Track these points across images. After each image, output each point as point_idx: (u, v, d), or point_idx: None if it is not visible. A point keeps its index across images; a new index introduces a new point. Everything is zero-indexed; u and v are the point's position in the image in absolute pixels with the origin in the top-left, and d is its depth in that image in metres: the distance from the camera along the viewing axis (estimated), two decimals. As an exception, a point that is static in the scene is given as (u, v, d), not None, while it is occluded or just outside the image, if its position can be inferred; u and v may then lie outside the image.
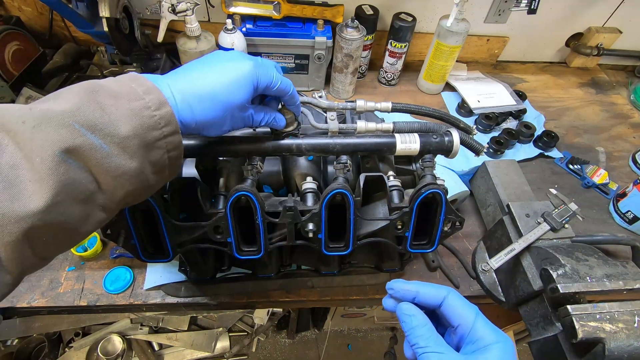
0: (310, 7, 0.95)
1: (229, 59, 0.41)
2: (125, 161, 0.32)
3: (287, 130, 0.51)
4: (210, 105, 0.39)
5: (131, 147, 0.33)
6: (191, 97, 0.38)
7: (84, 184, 0.30)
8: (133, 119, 0.33)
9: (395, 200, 0.53)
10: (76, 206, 0.30)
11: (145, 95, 0.34)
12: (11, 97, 0.81)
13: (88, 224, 0.32)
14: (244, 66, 0.41)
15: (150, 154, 0.34)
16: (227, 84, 0.40)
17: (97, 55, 0.98)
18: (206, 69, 0.40)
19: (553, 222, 0.65)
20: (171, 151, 0.36)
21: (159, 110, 0.34)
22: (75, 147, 0.29)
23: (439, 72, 1.06)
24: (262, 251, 0.53)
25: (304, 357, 1.68)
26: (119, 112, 0.32)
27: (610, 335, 0.50)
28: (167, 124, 0.35)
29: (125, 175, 0.33)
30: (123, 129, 0.32)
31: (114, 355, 1.38)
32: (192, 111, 0.38)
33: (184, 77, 0.39)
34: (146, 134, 0.33)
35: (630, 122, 1.13)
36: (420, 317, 0.37)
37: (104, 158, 0.31)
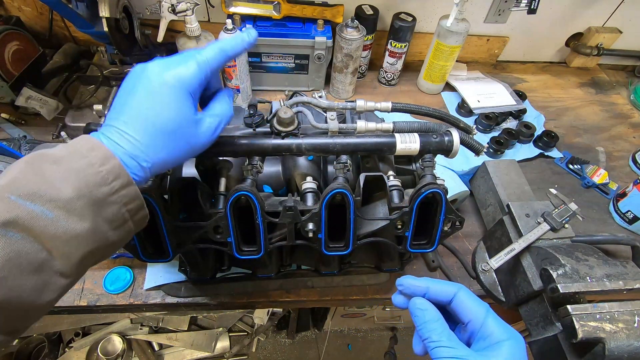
0: (310, 7, 0.95)
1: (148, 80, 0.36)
2: (75, 224, 0.31)
3: (287, 130, 0.51)
4: (153, 144, 0.35)
5: (78, 208, 0.31)
6: (131, 146, 0.35)
7: (32, 254, 0.29)
8: (77, 179, 0.31)
9: (395, 200, 0.53)
10: (27, 278, 0.29)
11: (88, 153, 0.33)
12: (11, 97, 0.81)
13: (48, 293, 0.31)
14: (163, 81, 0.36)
15: (103, 211, 0.33)
16: (159, 114, 0.35)
17: (97, 55, 0.98)
18: (132, 103, 0.36)
19: (553, 222, 0.65)
20: (129, 204, 0.35)
21: (105, 165, 0.33)
22: (14, 219, 0.28)
23: (439, 72, 1.06)
24: (262, 251, 0.53)
25: (304, 357, 1.68)
26: (60, 175, 0.31)
27: (610, 335, 0.50)
28: (116, 178, 0.33)
29: (78, 237, 0.31)
30: (66, 191, 0.31)
31: (114, 355, 1.38)
32: (137, 158, 0.35)
33: (118, 126, 0.35)
34: (93, 192, 0.32)
35: (630, 122, 1.13)
36: (433, 311, 0.38)
37: (50, 224, 0.30)
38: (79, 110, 0.86)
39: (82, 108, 0.87)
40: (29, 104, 0.82)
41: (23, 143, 0.77)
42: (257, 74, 1.03)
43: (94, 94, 0.88)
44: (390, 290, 0.73)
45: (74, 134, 0.86)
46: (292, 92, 0.62)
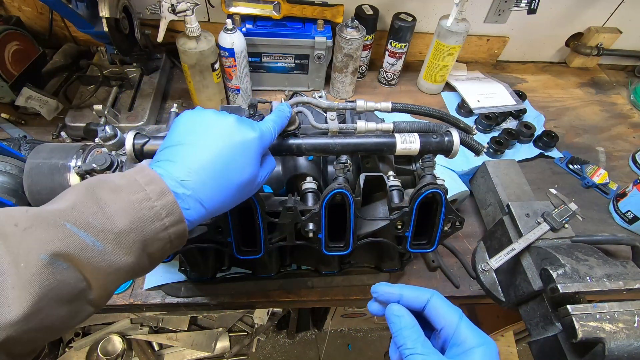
0: (310, 7, 0.95)
1: (231, 135, 0.38)
2: (121, 257, 0.31)
3: (287, 130, 0.51)
4: (222, 192, 0.37)
5: (128, 242, 0.31)
6: (201, 191, 0.35)
7: (72, 285, 0.29)
8: (131, 212, 0.31)
9: (395, 200, 0.53)
10: (62, 308, 0.29)
11: (146, 187, 0.33)
12: (11, 97, 0.81)
13: (75, 321, 0.31)
14: (250, 141, 0.38)
15: (150, 246, 0.33)
16: (239, 167, 0.37)
17: (97, 55, 0.98)
18: (210, 151, 0.36)
19: (553, 222, 0.65)
20: (174, 240, 0.35)
21: (160, 200, 0.33)
22: (65, 249, 0.28)
23: (439, 72, 1.06)
24: (262, 251, 0.53)
25: (304, 357, 1.68)
26: (117, 206, 0.31)
27: (610, 335, 0.50)
28: (169, 214, 0.33)
29: (119, 270, 0.31)
30: (119, 224, 0.31)
31: (114, 355, 1.38)
32: (203, 203, 0.36)
33: (190, 167, 0.35)
34: (145, 227, 0.32)
35: (630, 122, 1.13)
36: (408, 318, 0.37)
37: (97, 257, 0.30)
38: (79, 110, 0.86)
39: (82, 108, 0.87)
40: (29, 104, 0.82)
41: (23, 143, 0.77)
42: (257, 74, 1.03)
43: (94, 94, 0.88)
44: (390, 290, 0.73)
45: (74, 134, 0.86)
46: (292, 92, 0.62)
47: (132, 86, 0.93)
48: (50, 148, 0.58)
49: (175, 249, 0.36)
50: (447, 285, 0.75)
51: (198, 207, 0.35)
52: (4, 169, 0.62)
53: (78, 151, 0.57)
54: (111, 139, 0.52)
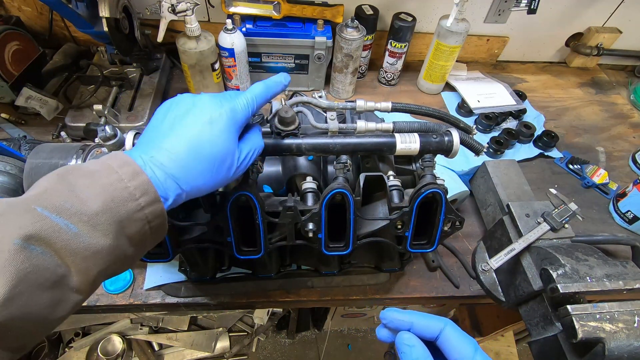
0: (310, 7, 0.95)
1: (201, 111, 0.38)
2: (97, 239, 0.31)
3: (287, 130, 0.51)
4: (196, 169, 0.36)
5: (102, 223, 0.31)
6: (174, 167, 0.35)
7: (50, 269, 0.29)
8: (104, 193, 0.31)
9: (395, 200, 0.53)
10: (43, 294, 0.28)
11: (118, 169, 0.33)
12: (11, 97, 0.81)
13: (61, 309, 0.30)
14: (219, 114, 0.38)
15: (127, 227, 0.33)
16: (208, 141, 0.37)
17: (97, 55, 0.98)
18: (181, 130, 0.37)
19: (553, 222, 0.65)
20: (152, 221, 0.35)
21: (133, 180, 0.33)
22: (37, 232, 0.28)
23: (439, 72, 1.06)
24: (262, 251, 0.53)
25: (304, 357, 1.68)
26: (90, 189, 0.31)
27: (610, 335, 0.50)
28: (144, 194, 0.33)
29: (98, 253, 0.31)
30: (92, 206, 0.31)
31: (114, 355, 1.38)
32: (178, 180, 0.36)
33: (163, 146, 0.36)
34: (119, 208, 0.32)
35: (630, 122, 1.13)
36: (421, 349, 0.36)
37: (72, 239, 0.30)
38: (79, 110, 0.87)
39: (82, 108, 0.87)
40: (29, 104, 0.82)
41: (23, 143, 0.77)
42: (257, 74, 1.03)
43: (94, 94, 0.88)
44: (390, 290, 0.73)
45: (74, 134, 0.86)
46: (292, 92, 0.62)
47: (132, 86, 0.93)
48: (50, 148, 0.58)
49: (157, 232, 0.36)
50: (447, 285, 0.75)
51: (172, 184, 0.35)
52: (4, 169, 0.62)
53: (78, 151, 0.57)
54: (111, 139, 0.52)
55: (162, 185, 0.35)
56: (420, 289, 0.74)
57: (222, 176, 0.39)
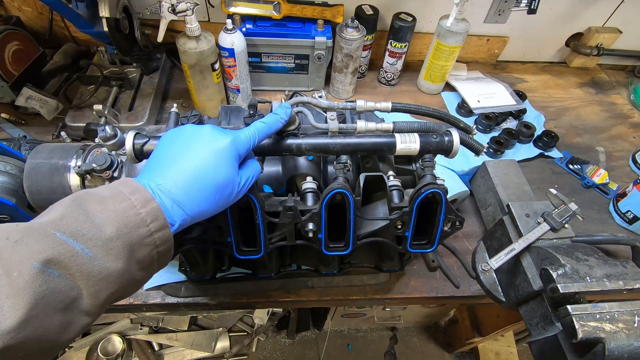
0: (310, 7, 0.95)
1: (205, 142, 0.40)
2: (110, 263, 0.32)
3: (287, 130, 0.51)
4: (200, 195, 0.38)
5: (115, 248, 0.32)
6: (180, 195, 0.37)
7: (64, 292, 0.30)
8: (118, 219, 0.33)
9: (395, 200, 0.53)
10: (55, 316, 0.29)
11: (130, 196, 0.35)
12: (11, 97, 0.81)
13: (69, 332, 0.31)
14: (223, 145, 0.40)
15: (137, 252, 0.34)
16: (212, 169, 0.39)
17: (97, 55, 0.98)
18: (186, 159, 0.39)
19: (553, 222, 0.65)
20: (160, 246, 0.36)
21: (145, 207, 0.35)
22: (55, 256, 0.29)
23: (439, 72, 1.06)
24: (262, 251, 0.53)
25: (304, 357, 1.68)
26: (104, 215, 0.33)
27: (610, 335, 0.50)
28: (154, 220, 0.35)
29: (110, 277, 0.32)
30: (107, 231, 0.32)
31: (114, 355, 1.38)
32: (183, 207, 0.38)
33: (169, 175, 0.38)
34: (131, 233, 0.33)
35: (630, 122, 1.13)
36: None
37: (87, 263, 0.31)
38: (79, 110, 0.87)
39: (82, 108, 0.87)
40: (29, 104, 0.82)
41: (23, 143, 0.77)
42: (257, 74, 1.03)
43: (94, 94, 0.88)
44: (390, 290, 0.73)
45: (74, 134, 0.86)
46: (292, 92, 0.62)
47: (132, 86, 0.93)
48: (50, 148, 0.58)
49: (162, 257, 0.37)
50: (447, 285, 0.75)
51: (178, 210, 0.37)
52: (4, 169, 0.62)
53: (78, 151, 0.57)
54: (111, 139, 0.52)
55: (169, 211, 0.37)
56: (420, 289, 0.74)
57: (224, 202, 0.41)
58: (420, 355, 1.72)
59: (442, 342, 1.75)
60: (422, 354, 1.72)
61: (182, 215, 0.38)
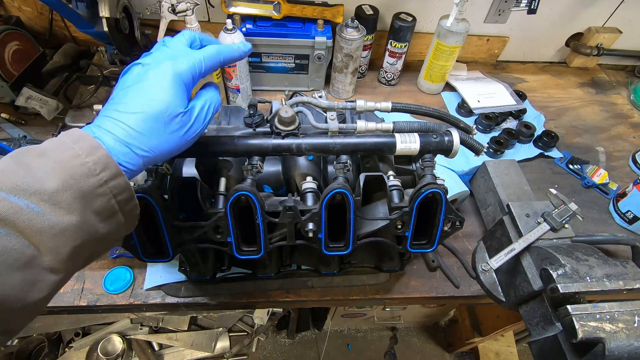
0: (310, 7, 0.95)
1: (140, 73, 0.38)
2: (61, 217, 0.30)
3: (287, 130, 0.51)
4: (146, 131, 0.36)
5: (64, 200, 0.31)
6: (123, 133, 0.35)
7: (18, 250, 0.28)
8: (62, 171, 0.31)
9: (395, 200, 0.53)
10: (13, 274, 0.28)
11: (74, 145, 0.32)
12: (11, 97, 0.81)
13: (38, 291, 0.30)
14: (157, 72, 0.38)
15: (91, 203, 0.32)
16: (151, 99, 0.36)
17: (97, 55, 0.98)
18: (125, 96, 0.37)
19: (553, 222, 0.65)
20: (118, 195, 0.34)
21: (91, 155, 0.32)
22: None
23: (439, 72, 1.06)
24: (262, 251, 0.53)
25: (304, 357, 1.68)
26: (45, 167, 0.31)
27: (610, 335, 0.50)
28: (104, 168, 0.32)
29: (66, 231, 0.31)
30: (51, 184, 0.30)
31: (114, 355, 1.38)
32: (130, 146, 0.35)
33: (112, 115, 0.36)
34: (80, 184, 0.31)
35: (630, 122, 1.13)
36: None
37: (35, 218, 0.29)
38: (79, 110, 0.87)
39: (82, 108, 0.87)
40: (29, 104, 0.82)
41: (23, 143, 0.77)
42: (257, 74, 1.04)
43: (94, 94, 0.88)
44: (390, 290, 0.73)
45: (74, 134, 0.86)
46: (292, 92, 0.62)
47: (132, 86, 0.93)
48: (50, 148, 0.58)
49: (124, 206, 0.35)
50: (447, 285, 0.75)
51: (127, 152, 0.35)
52: (4, 169, 0.62)
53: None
54: (111, 138, 0.52)
55: (119, 156, 0.34)
56: (420, 289, 0.74)
57: (177, 135, 0.38)
58: (420, 355, 1.72)
59: (442, 342, 1.75)
60: (422, 354, 1.72)
61: (131, 156, 0.35)
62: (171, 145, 0.38)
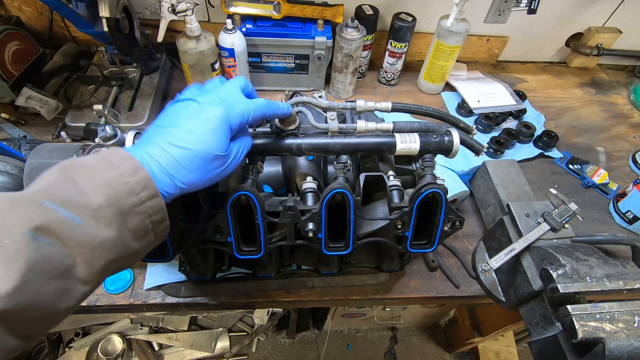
0: (310, 7, 0.95)
1: (196, 112, 0.40)
2: (101, 231, 0.32)
3: (287, 130, 0.51)
4: (189, 166, 0.38)
5: (106, 216, 0.33)
6: (169, 164, 0.37)
7: (58, 260, 0.30)
8: (106, 188, 0.33)
9: (395, 200, 0.53)
10: (51, 283, 0.30)
11: (119, 164, 0.34)
12: (11, 97, 0.81)
13: (68, 300, 0.32)
14: (212, 115, 0.40)
15: (129, 221, 0.34)
16: (201, 140, 0.39)
17: (97, 55, 0.98)
18: (176, 129, 0.39)
19: (553, 222, 0.65)
20: (152, 215, 0.36)
21: (134, 176, 0.34)
22: (45, 224, 0.29)
23: (439, 72, 1.06)
24: (262, 251, 0.53)
25: (304, 357, 1.68)
26: (92, 183, 0.33)
27: (610, 335, 0.50)
28: (144, 189, 0.35)
29: (102, 245, 0.33)
30: (96, 199, 0.32)
31: (114, 355, 1.38)
32: (173, 177, 0.38)
33: (161, 145, 0.38)
34: (121, 201, 0.33)
35: (630, 122, 1.13)
36: None
37: (78, 231, 0.31)
38: (79, 110, 0.86)
39: (82, 108, 0.87)
40: (29, 104, 0.82)
41: (23, 143, 0.77)
42: (257, 74, 1.03)
43: (94, 94, 0.88)
44: (390, 290, 0.73)
45: (74, 134, 0.86)
46: (292, 92, 0.62)
47: (132, 86, 0.93)
48: (50, 148, 0.58)
49: (157, 226, 0.37)
50: (447, 285, 0.75)
51: (167, 180, 0.37)
52: (4, 169, 0.62)
53: (78, 151, 0.57)
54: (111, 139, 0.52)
55: (159, 180, 0.37)
56: (420, 289, 0.74)
57: (214, 173, 0.41)
58: (420, 355, 1.72)
59: (442, 342, 1.75)
60: (422, 354, 1.72)
61: (170, 186, 0.38)
62: (206, 181, 0.41)
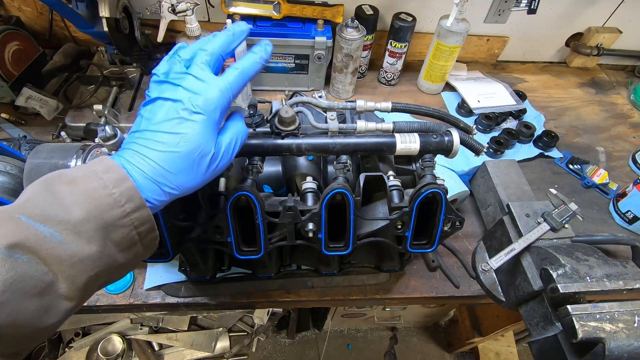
0: (310, 7, 0.95)
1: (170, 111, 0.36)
2: (82, 247, 0.31)
3: (287, 130, 0.51)
4: (174, 169, 0.35)
5: (87, 231, 0.31)
6: (152, 170, 0.35)
7: (37, 277, 0.29)
8: (88, 201, 0.31)
9: (395, 200, 0.53)
10: (30, 301, 0.29)
11: (103, 175, 0.33)
12: (11, 97, 0.81)
13: (51, 317, 0.31)
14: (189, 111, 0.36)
15: (113, 234, 0.33)
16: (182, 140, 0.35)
17: (97, 55, 0.98)
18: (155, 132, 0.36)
19: (553, 222, 0.65)
20: (139, 227, 0.34)
21: (118, 187, 0.33)
22: (21, 241, 0.28)
23: (439, 72, 1.06)
24: (262, 251, 0.53)
25: (304, 357, 1.68)
26: (73, 197, 0.31)
27: (610, 335, 0.50)
28: (129, 200, 0.33)
29: (84, 260, 0.31)
30: (76, 213, 0.31)
31: (114, 355, 1.38)
32: (159, 183, 0.35)
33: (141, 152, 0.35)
34: (103, 215, 0.32)
35: (630, 122, 1.13)
36: None
37: (57, 247, 0.30)
38: (79, 110, 0.86)
39: (82, 108, 0.87)
40: (29, 104, 0.82)
41: (23, 143, 0.77)
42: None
43: (94, 94, 0.88)
44: (390, 290, 0.73)
45: (74, 134, 0.86)
46: (292, 92, 0.62)
47: (132, 86, 0.93)
48: (50, 148, 0.58)
49: (144, 237, 0.36)
50: (447, 285, 0.75)
51: (154, 188, 0.35)
52: (4, 169, 0.62)
53: (78, 151, 0.57)
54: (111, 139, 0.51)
55: (145, 190, 0.35)
56: (420, 289, 0.74)
57: (205, 172, 0.38)
58: (420, 355, 1.72)
59: (442, 342, 1.75)
60: (422, 354, 1.72)
61: (158, 193, 0.35)
62: (197, 182, 0.38)
